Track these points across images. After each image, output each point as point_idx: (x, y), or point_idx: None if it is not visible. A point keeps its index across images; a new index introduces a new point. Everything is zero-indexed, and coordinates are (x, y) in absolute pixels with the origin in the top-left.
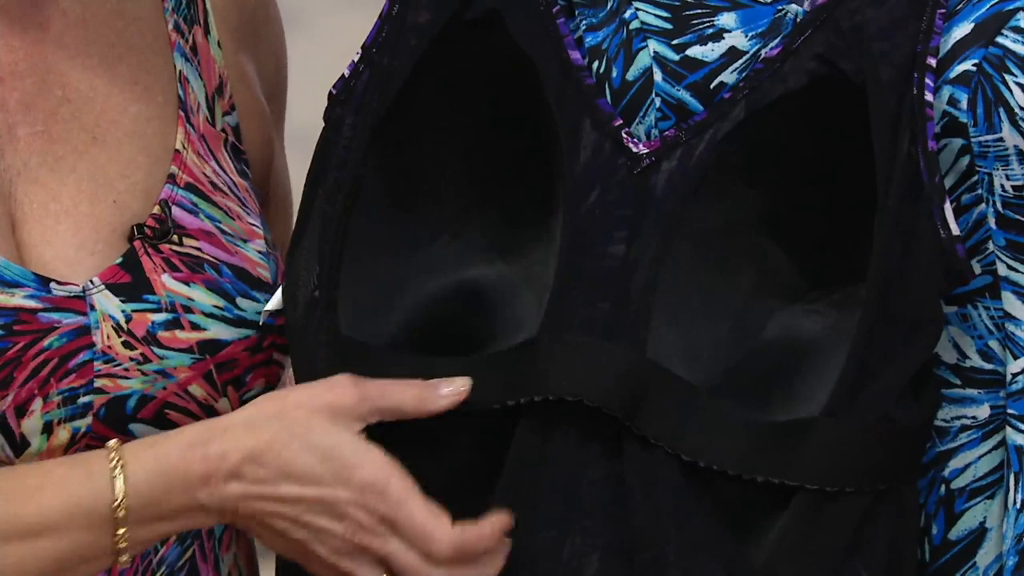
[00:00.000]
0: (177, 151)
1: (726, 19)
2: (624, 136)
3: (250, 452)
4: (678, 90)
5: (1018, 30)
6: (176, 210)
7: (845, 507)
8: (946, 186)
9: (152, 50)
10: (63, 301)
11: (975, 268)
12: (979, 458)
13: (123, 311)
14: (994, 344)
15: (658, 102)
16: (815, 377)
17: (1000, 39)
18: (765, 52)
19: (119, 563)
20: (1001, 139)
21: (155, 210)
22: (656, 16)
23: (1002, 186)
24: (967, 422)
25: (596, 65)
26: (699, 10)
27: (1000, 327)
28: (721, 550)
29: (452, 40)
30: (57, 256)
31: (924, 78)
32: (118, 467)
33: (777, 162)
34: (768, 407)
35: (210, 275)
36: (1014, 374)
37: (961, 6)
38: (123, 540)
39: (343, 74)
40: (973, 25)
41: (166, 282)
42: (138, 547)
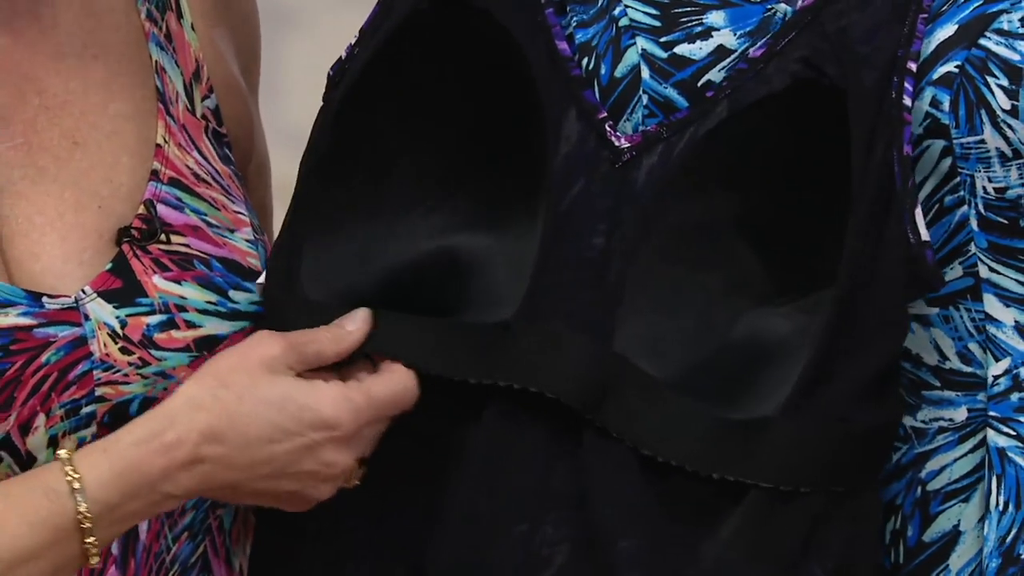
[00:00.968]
0: (158, 145)
1: (715, 17)
2: (608, 129)
3: (205, 431)
4: (665, 87)
5: (1001, 32)
6: (161, 208)
7: (799, 507)
8: (928, 188)
9: (127, 44)
10: (57, 314)
11: (957, 270)
12: (955, 461)
13: (117, 317)
14: (973, 347)
15: (645, 99)
16: (777, 378)
17: (983, 41)
18: (750, 52)
19: (89, 563)
20: (983, 141)
21: (140, 210)
22: (645, 14)
23: (984, 188)
24: (944, 424)
25: (585, 61)
26: (688, 8)
27: (981, 329)
28: (679, 545)
29: (424, 19)
30: (46, 269)
31: (904, 82)
32: (75, 482)
33: (756, 163)
34: (729, 405)
35: (200, 271)
36: (995, 376)
37: (945, 7)
38: (93, 545)
39: (340, 56)
40: (957, 27)
41: (157, 283)
42: (109, 542)
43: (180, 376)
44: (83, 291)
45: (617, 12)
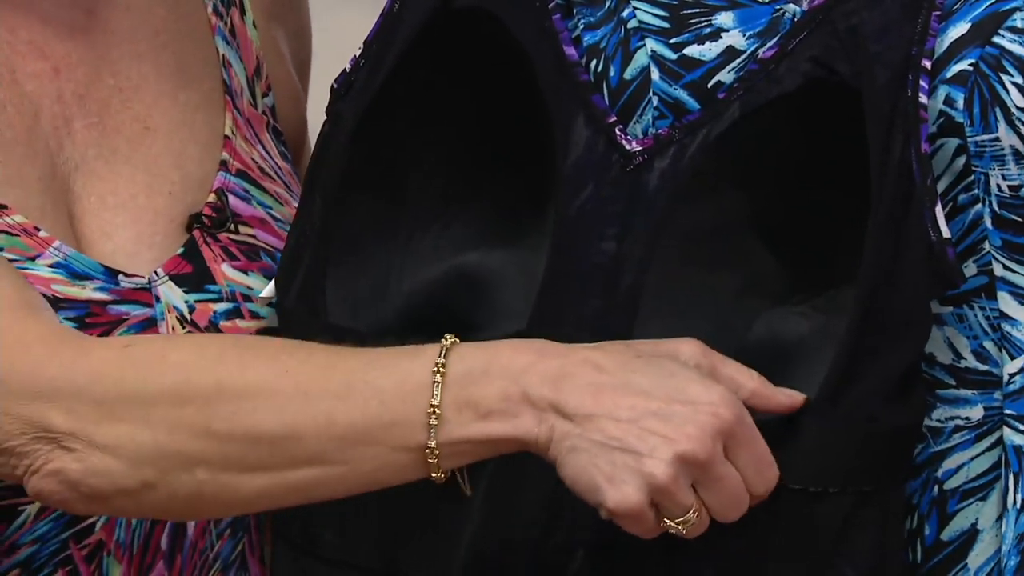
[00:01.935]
0: (227, 137)
1: (724, 18)
2: (617, 133)
3: (588, 356)
4: (675, 89)
5: (1015, 30)
6: (231, 198)
7: (829, 507)
8: (942, 186)
9: (194, 36)
10: (131, 293)
11: (971, 268)
12: (972, 459)
13: (186, 302)
14: (989, 345)
15: (655, 101)
16: (800, 378)
17: (996, 39)
18: (761, 52)
19: (435, 476)
20: (997, 139)
21: (211, 199)
22: (654, 15)
23: (998, 186)
24: (960, 423)
25: (594, 64)
26: (697, 9)
27: (996, 327)
28: (703, 548)
29: (444, 30)
30: (117, 249)
31: (919, 80)
32: (447, 344)
33: (769, 163)
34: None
35: (266, 263)
36: (1011, 374)
37: (958, 5)
38: (436, 419)
39: (344, 69)
40: (970, 25)
41: (226, 271)
42: (449, 450)
43: None
44: (156, 273)
45: (626, 14)
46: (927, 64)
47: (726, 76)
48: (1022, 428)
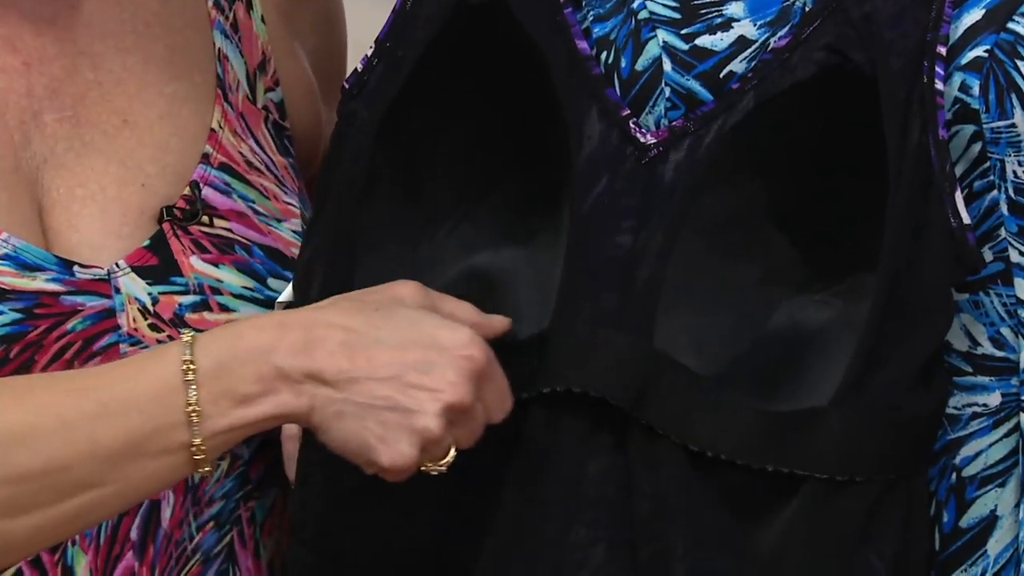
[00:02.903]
0: (213, 130)
1: (734, 8)
2: (631, 126)
3: (332, 320)
4: (687, 80)
5: None
6: (208, 191)
7: (855, 496)
8: (957, 173)
9: (191, 28)
10: (87, 284)
11: (987, 255)
12: (990, 446)
13: (150, 294)
14: (1006, 331)
15: (667, 92)
16: (822, 367)
17: (1012, 25)
18: (774, 42)
19: (203, 471)
20: (1013, 125)
21: (185, 191)
22: (665, 6)
23: (1014, 172)
24: (978, 410)
25: (604, 56)
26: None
27: (1012, 314)
28: (729, 541)
29: (458, 29)
30: (83, 241)
31: (934, 66)
32: (188, 339)
33: (786, 152)
34: (775, 397)
35: (240, 256)
36: None
37: None
38: (196, 416)
39: (356, 68)
40: (984, 11)
41: (194, 264)
42: (213, 442)
43: None
44: (116, 264)
45: (636, 5)
46: (942, 50)
47: (738, 66)
48: None
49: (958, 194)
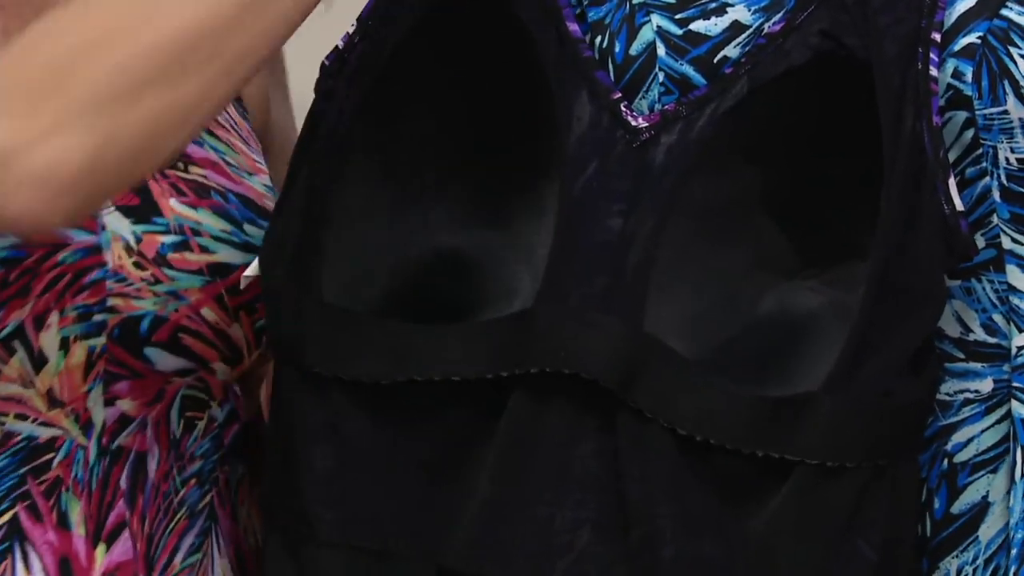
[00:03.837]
0: None
1: None
2: (623, 109)
3: None
4: (681, 64)
5: (1023, 2)
6: None
7: (845, 482)
8: (950, 160)
9: None
10: None
11: (979, 242)
12: (982, 432)
13: (133, 232)
14: (998, 318)
15: (661, 76)
16: (812, 353)
17: (1004, 11)
18: (768, 27)
19: None
20: (1006, 111)
21: None
22: None
23: (1006, 159)
24: (970, 396)
25: (599, 40)
26: None
27: (1004, 300)
28: (718, 524)
29: (444, 10)
30: None
31: (929, 53)
32: None
33: (779, 138)
34: (764, 382)
35: (216, 201)
36: (1020, 347)
37: None
38: None
39: (336, 45)
40: None
41: (174, 205)
42: None
43: (193, 299)
44: None
45: None
46: (937, 37)
47: (732, 51)
48: None
49: (951, 181)
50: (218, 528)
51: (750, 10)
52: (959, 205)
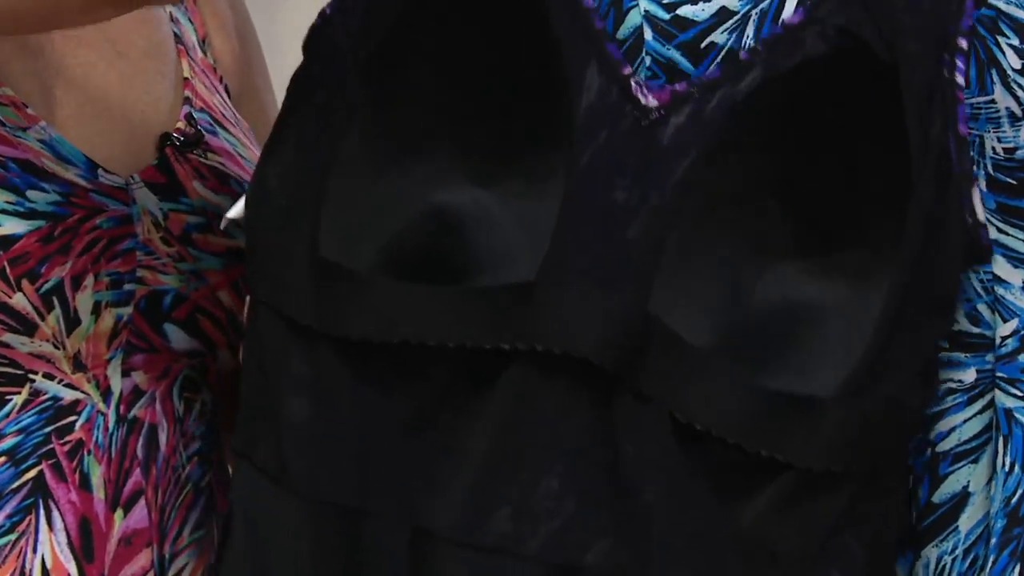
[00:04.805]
0: (187, 79)
1: None
2: (634, 85)
3: None
4: (668, 49)
5: None
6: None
7: (840, 484)
8: None
9: None
10: (108, 188)
11: None
12: (964, 422)
13: (161, 209)
14: (982, 308)
15: (648, 61)
16: (822, 347)
17: (993, 0)
18: (788, 19)
19: None
20: (993, 101)
21: (180, 124)
22: None
23: (993, 148)
24: (953, 385)
25: None
26: None
27: (989, 291)
28: (707, 507)
29: None
30: (94, 153)
31: (955, 59)
32: None
33: (793, 127)
34: (769, 372)
35: (235, 189)
36: (1003, 337)
37: None
38: None
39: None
40: None
41: (197, 188)
42: None
43: (212, 281)
44: (132, 177)
45: None
46: (963, 43)
47: (719, 37)
48: (1013, 391)
49: (975, 192)
50: (217, 509)
51: None
52: (981, 216)
